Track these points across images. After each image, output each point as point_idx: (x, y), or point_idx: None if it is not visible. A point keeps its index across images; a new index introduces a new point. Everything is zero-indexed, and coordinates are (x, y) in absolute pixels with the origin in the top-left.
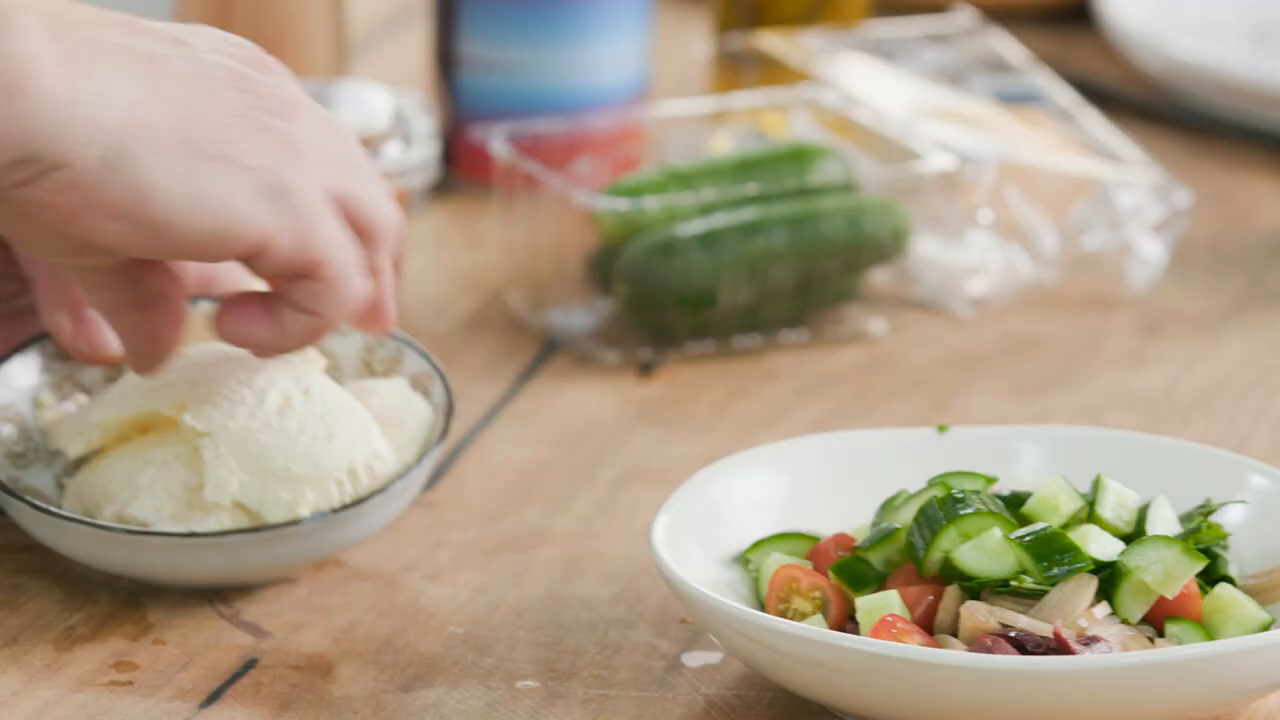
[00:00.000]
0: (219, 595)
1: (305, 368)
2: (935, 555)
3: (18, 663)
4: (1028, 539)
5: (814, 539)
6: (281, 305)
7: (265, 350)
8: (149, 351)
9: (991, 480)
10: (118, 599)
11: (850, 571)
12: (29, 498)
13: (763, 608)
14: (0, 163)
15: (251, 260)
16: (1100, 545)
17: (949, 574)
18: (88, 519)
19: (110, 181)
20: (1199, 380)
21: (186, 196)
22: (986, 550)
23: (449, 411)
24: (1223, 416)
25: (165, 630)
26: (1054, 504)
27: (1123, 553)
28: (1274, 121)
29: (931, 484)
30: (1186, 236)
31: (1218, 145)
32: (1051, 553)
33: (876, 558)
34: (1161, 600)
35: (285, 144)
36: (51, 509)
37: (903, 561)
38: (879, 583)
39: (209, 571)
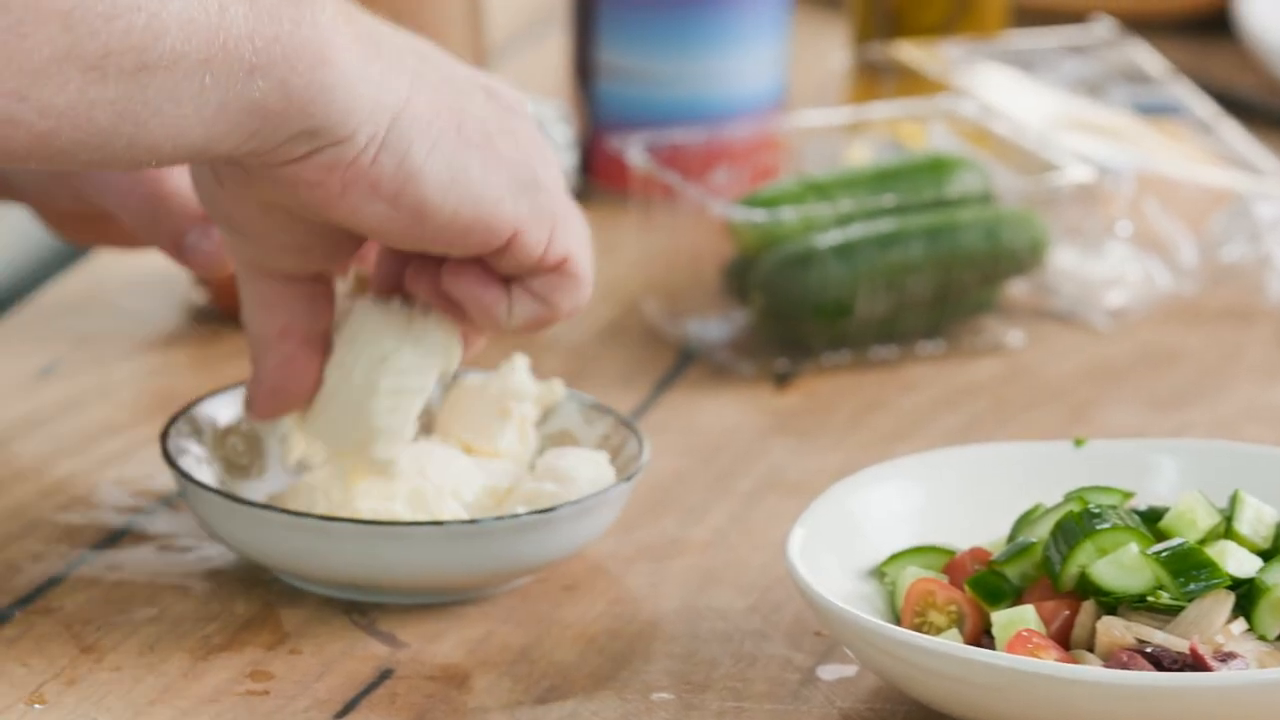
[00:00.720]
0: (354, 605)
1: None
2: (1072, 570)
3: (155, 671)
4: (1165, 554)
5: (950, 553)
6: (518, 287)
7: (484, 322)
8: (281, 393)
9: (1129, 495)
10: (254, 607)
11: (986, 586)
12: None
13: (898, 621)
14: (288, 133)
15: (500, 252)
16: (1238, 561)
17: (1085, 589)
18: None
19: (383, 162)
20: None
21: (452, 182)
22: (1123, 565)
23: (640, 453)
24: None
25: (301, 640)
26: (1191, 519)
27: (1261, 569)
28: None
29: (1068, 498)
30: None
31: None
32: (1188, 568)
33: (1013, 572)
34: None
35: (530, 143)
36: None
37: (1039, 576)
38: (1015, 597)
39: (443, 570)
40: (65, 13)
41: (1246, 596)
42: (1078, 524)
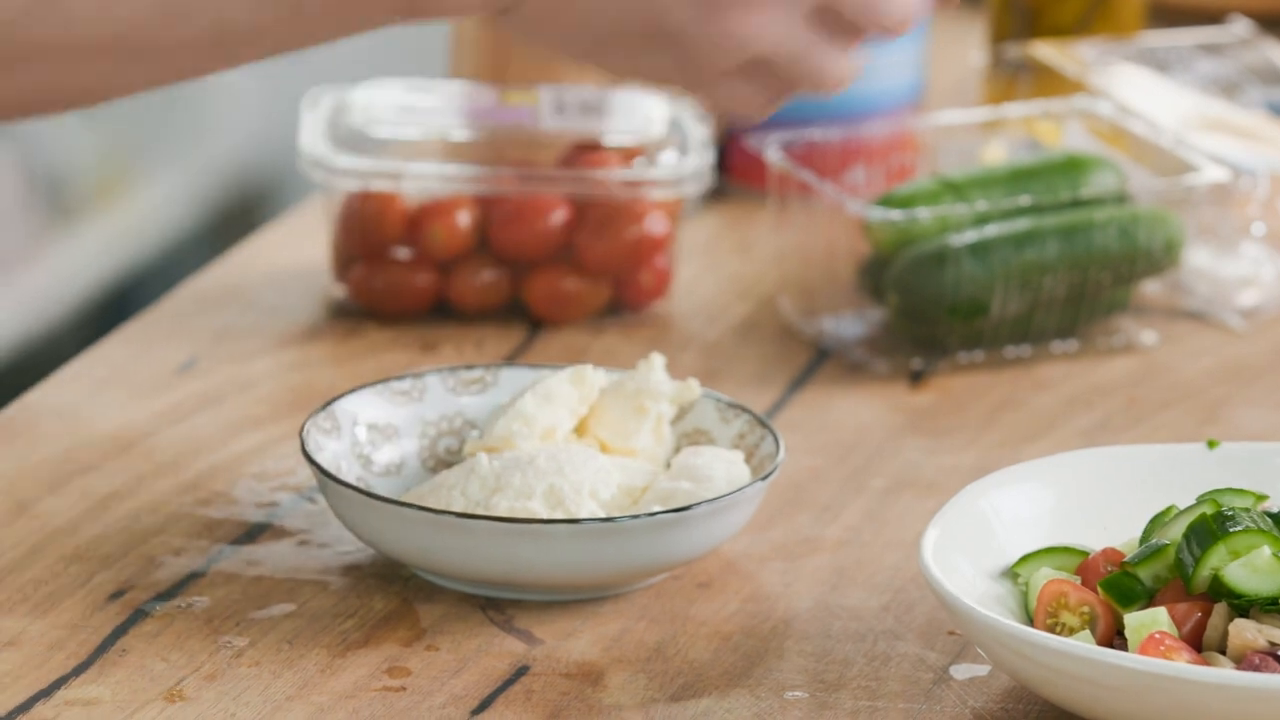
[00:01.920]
0: (491, 602)
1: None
2: (1204, 572)
3: (293, 667)
4: None
5: (1083, 554)
6: None
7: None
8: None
9: (1262, 497)
10: (391, 603)
11: (1119, 587)
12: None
13: (1031, 622)
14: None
15: None
16: None
17: (1218, 591)
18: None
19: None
20: None
21: (587, 65)
22: (1256, 568)
23: (776, 452)
24: None
25: (438, 636)
26: None
27: None
28: None
29: (1201, 500)
30: None
31: None
32: None
33: (1145, 574)
34: None
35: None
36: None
37: (1171, 578)
38: (1148, 599)
39: (579, 568)
40: None
41: None
42: (1210, 526)
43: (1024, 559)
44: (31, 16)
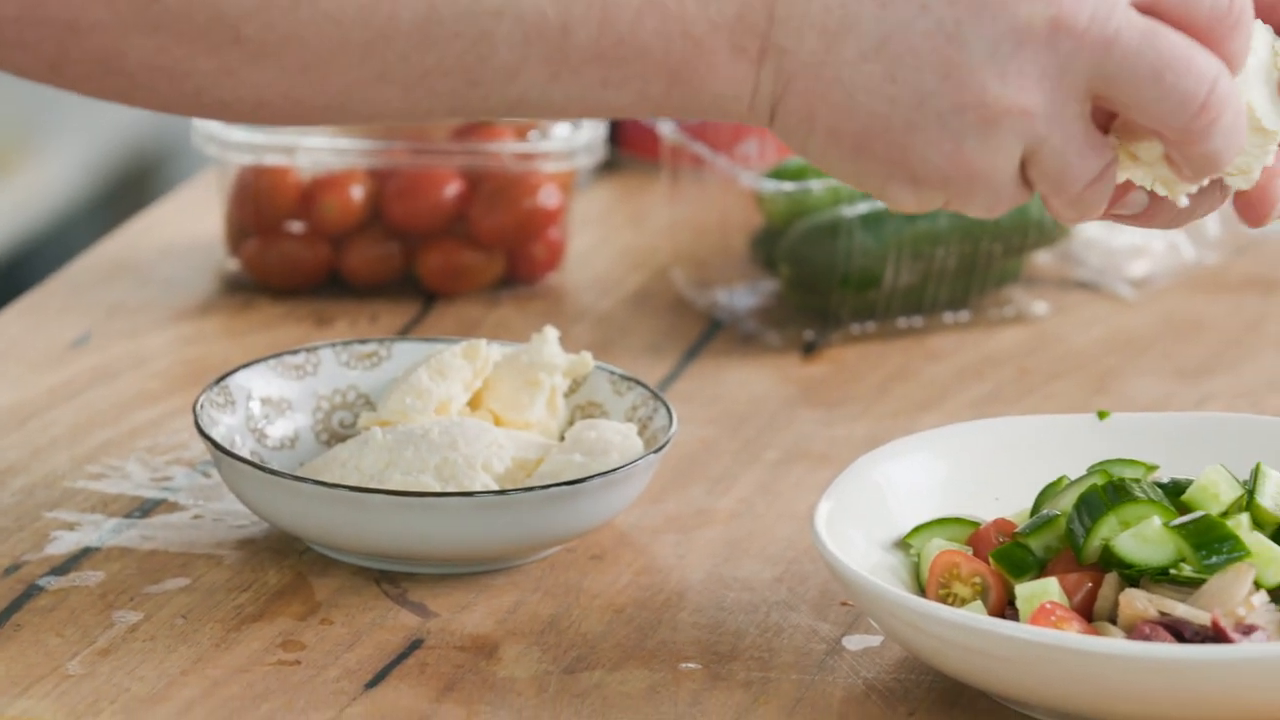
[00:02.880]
0: (385, 575)
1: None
2: (1095, 543)
3: (187, 641)
4: (1187, 527)
5: (975, 524)
6: None
7: None
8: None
9: (1152, 468)
10: (285, 577)
11: (1010, 558)
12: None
13: (923, 593)
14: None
15: None
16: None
17: (1108, 561)
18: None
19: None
20: None
21: (829, 169)
22: (1146, 538)
23: (669, 424)
24: None
25: (332, 609)
26: (1214, 492)
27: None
28: None
29: (1092, 471)
30: None
31: None
32: (1210, 541)
33: (1036, 544)
34: None
35: (920, 135)
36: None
37: (1062, 548)
38: (1039, 569)
39: (472, 541)
40: (366, 44)
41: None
42: (1101, 497)
43: (916, 530)
44: (288, 6)
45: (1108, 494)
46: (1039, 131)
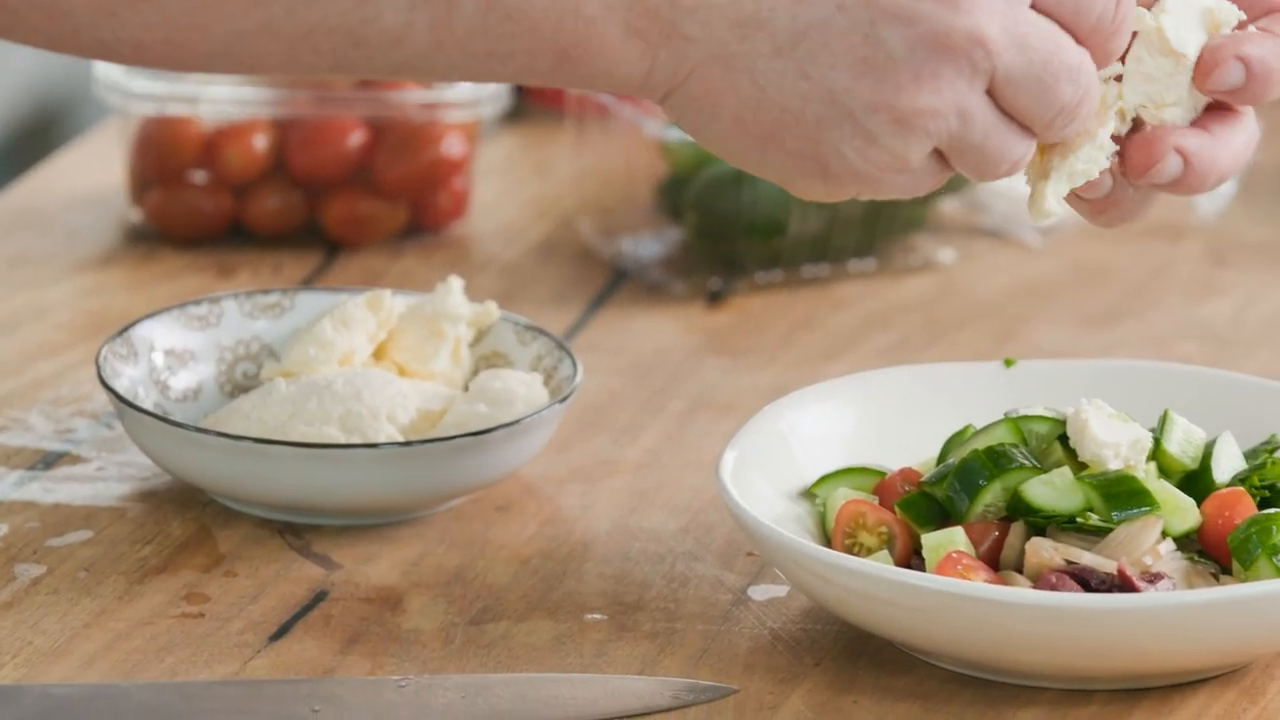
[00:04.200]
0: (290, 527)
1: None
2: (977, 509)
3: (90, 594)
4: (1099, 479)
5: (881, 474)
6: None
7: None
8: None
9: (1060, 422)
10: (189, 529)
11: (916, 507)
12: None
13: (829, 543)
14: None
15: None
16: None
17: (1015, 509)
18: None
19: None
20: (1266, 310)
21: (730, 157)
22: (1056, 487)
23: (574, 374)
24: None
25: (236, 562)
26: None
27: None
28: None
29: (999, 423)
30: (1255, 165)
31: None
32: (1120, 494)
33: (942, 493)
34: (1219, 527)
35: (829, 128)
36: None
37: None
38: (945, 519)
39: (377, 492)
40: None
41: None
42: (984, 464)
43: (822, 479)
44: None
45: (991, 460)
46: (953, 129)
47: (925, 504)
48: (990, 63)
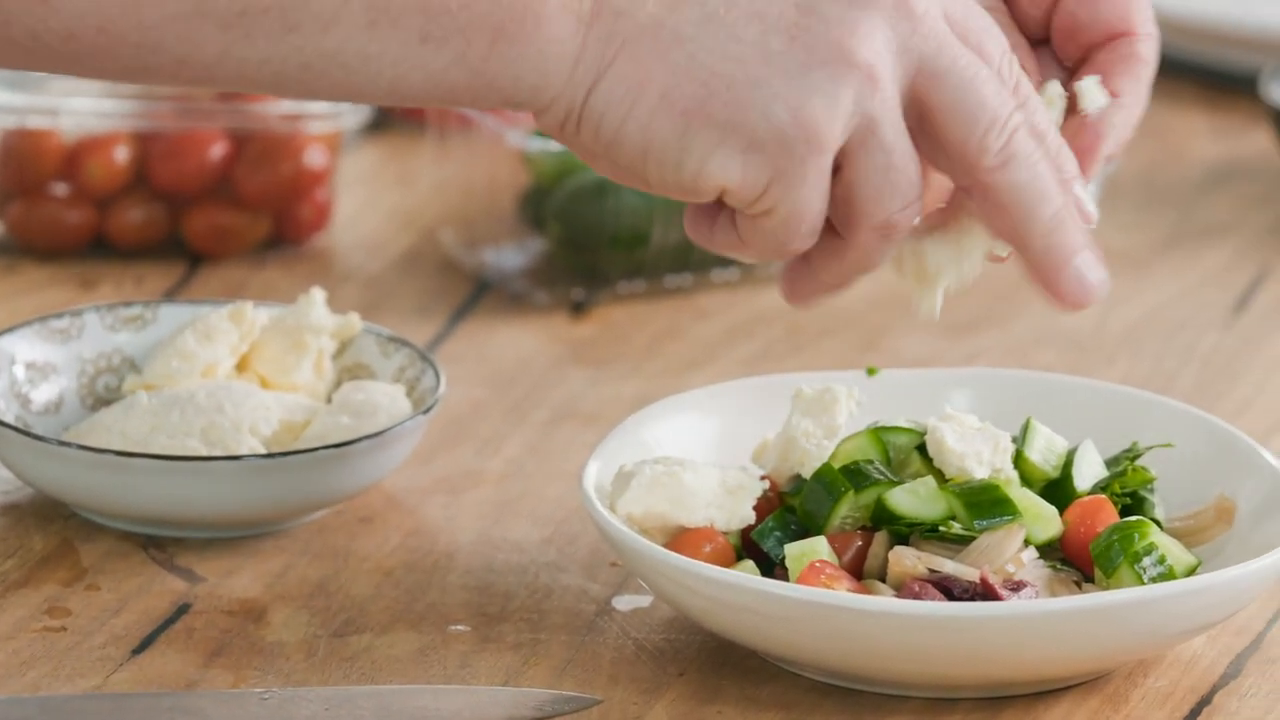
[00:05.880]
0: (152, 540)
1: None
2: (835, 522)
3: None
4: (963, 488)
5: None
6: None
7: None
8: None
9: (920, 434)
10: (51, 543)
11: (777, 517)
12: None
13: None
14: (491, 101)
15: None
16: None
17: (879, 518)
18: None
19: (583, 131)
20: (1128, 318)
21: (645, 151)
22: (919, 495)
23: (436, 385)
24: (1150, 355)
25: (99, 575)
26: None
27: None
28: (1204, 56)
29: (859, 434)
30: (1117, 172)
31: None
32: (983, 504)
33: (800, 507)
34: (1081, 535)
35: (766, 88)
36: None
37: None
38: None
39: (239, 504)
40: None
41: None
42: (839, 482)
43: None
44: None
45: (848, 477)
46: (875, 108)
47: (785, 514)
48: (915, 42)
